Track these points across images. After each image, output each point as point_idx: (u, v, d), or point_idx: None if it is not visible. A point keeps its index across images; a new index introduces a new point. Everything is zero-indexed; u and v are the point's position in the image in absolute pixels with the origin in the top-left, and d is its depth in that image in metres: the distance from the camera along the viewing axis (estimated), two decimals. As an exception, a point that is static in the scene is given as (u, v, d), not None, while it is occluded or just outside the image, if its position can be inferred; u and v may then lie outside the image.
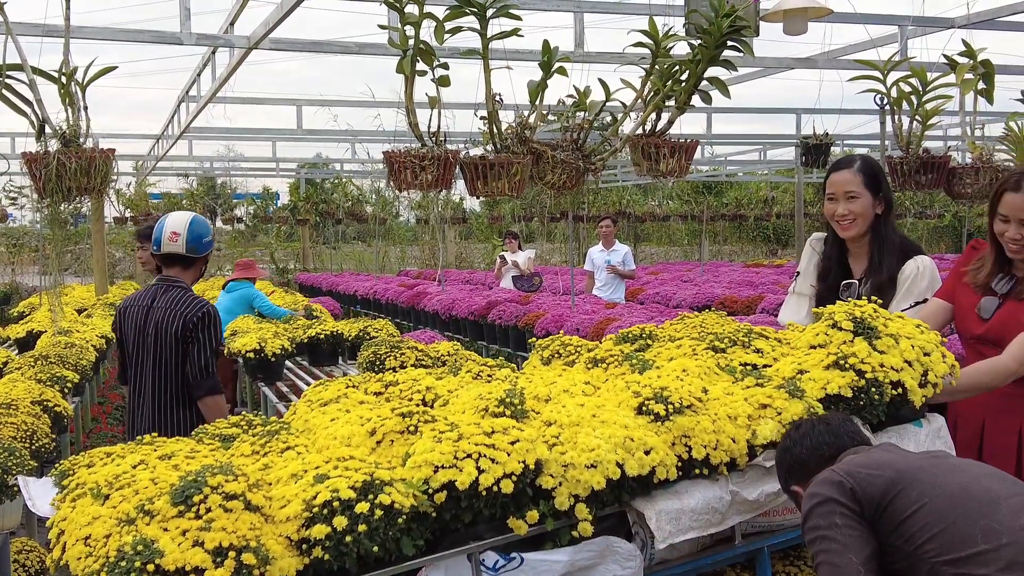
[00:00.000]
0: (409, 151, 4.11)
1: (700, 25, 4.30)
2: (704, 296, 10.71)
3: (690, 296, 10.88)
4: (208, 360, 4.47)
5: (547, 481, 2.57)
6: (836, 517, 2.33)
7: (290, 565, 2.26)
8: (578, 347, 3.62)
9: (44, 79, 3.75)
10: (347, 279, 17.93)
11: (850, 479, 2.38)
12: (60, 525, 2.45)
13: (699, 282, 13.27)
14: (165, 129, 12.76)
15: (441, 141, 4.16)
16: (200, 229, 4.50)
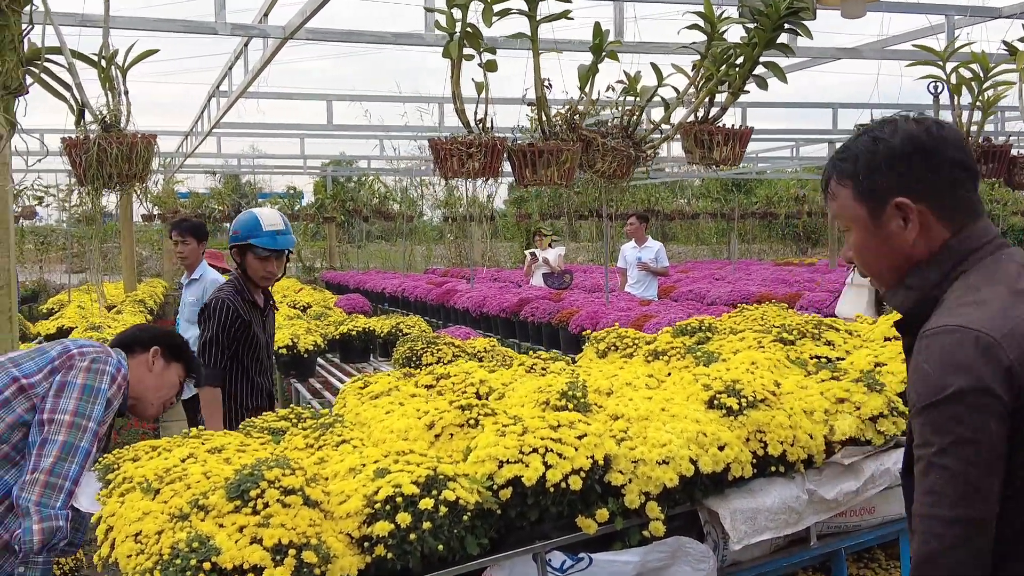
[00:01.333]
0: (455, 138, 3.98)
1: (756, 7, 4.15)
2: (739, 293, 10.53)
3: (725, 293, 10.70)
4: (202, 348, 4.41)
5: (616, 478, 2.44)
6: (991, 420, 1.52)
7: (351, 564, 2.14)
8: (636, 339, 3.49)
9: (84, 63, 3.65)
10: (374, 277, 17.84)
11: (1010, 347, 1.54)
12: (108, 521, 2.34)
13: (732, 280, 13.08)
14: (194, 125, 12.68)
15: (488, 128, 4.03)
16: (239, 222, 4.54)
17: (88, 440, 2.89)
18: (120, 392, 3.09)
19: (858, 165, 1.74)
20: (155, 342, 3.37)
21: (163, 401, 3.41)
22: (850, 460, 2.69)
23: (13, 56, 3.51)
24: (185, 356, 3.49)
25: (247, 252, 4.48)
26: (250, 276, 4.54)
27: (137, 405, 3.31)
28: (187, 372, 3.50)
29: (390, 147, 18.87)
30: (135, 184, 3.57)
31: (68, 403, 2.90)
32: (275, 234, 4.44)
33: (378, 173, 22.21)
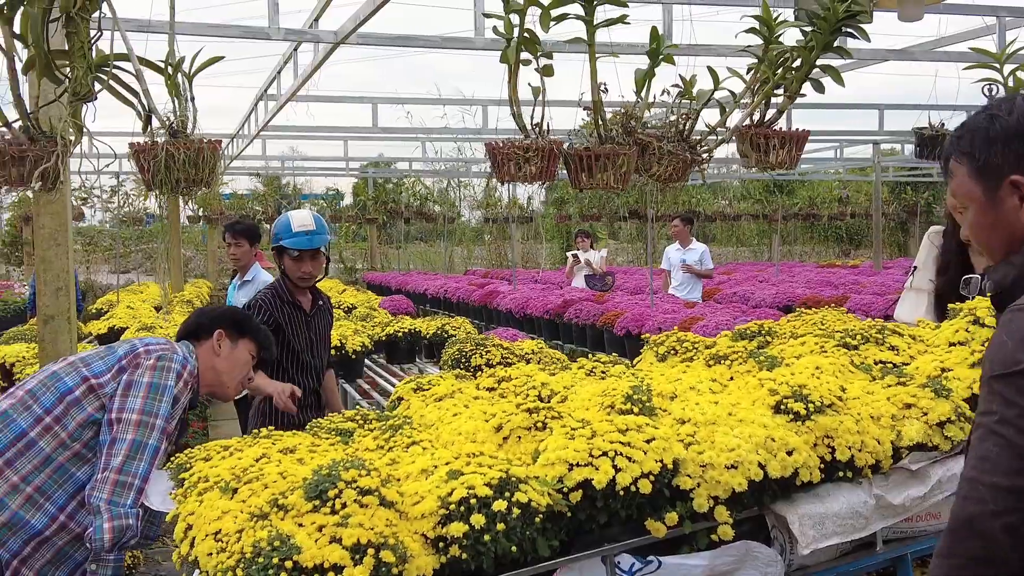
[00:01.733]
0: (512, 143, 4.01)
1: (813, 11, 4.15)
2: (785, 296, 10.48)
3: (770, 296, 10.65)
4: None
5: (685, 482, 2.46)
6: None
7: (427, 564, 2.18)
8: (695, 343, 3.50)
9: (151, 70, 3.73)
10: (416, 278, 17.94)
11: None
12: (188, 519, 2.40)
13: (776, 282, 13.01)
14: (240, 127, 12.84)
15: (545, 132, 4.06)
16: (275, 224, 4.67)
17: (156, 438, 2.96)
18: (188, 388, 3.16)
19: (975, 143, 1.73)
20: (218, 324, 3.42)
21: (239, 380, 3.48)
22: (917, 466, 2.69)
23: (83, 63, 3.59)
24: (251, 330, 3.53)
25: (283, 254, 4.59)
26: (290, 277, 4.62)
27: (214, 389, 3.39)
28: (257, 346, 3.55)
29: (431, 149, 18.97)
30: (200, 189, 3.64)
31: (135, 402, 2.97)
32: (305, 234, 4.50)
33: (418, 175, 22.33)
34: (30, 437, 2.93)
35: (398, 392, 4.13)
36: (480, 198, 24.24)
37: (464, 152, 20.98)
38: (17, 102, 3.63)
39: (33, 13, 3.51)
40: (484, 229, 26.81)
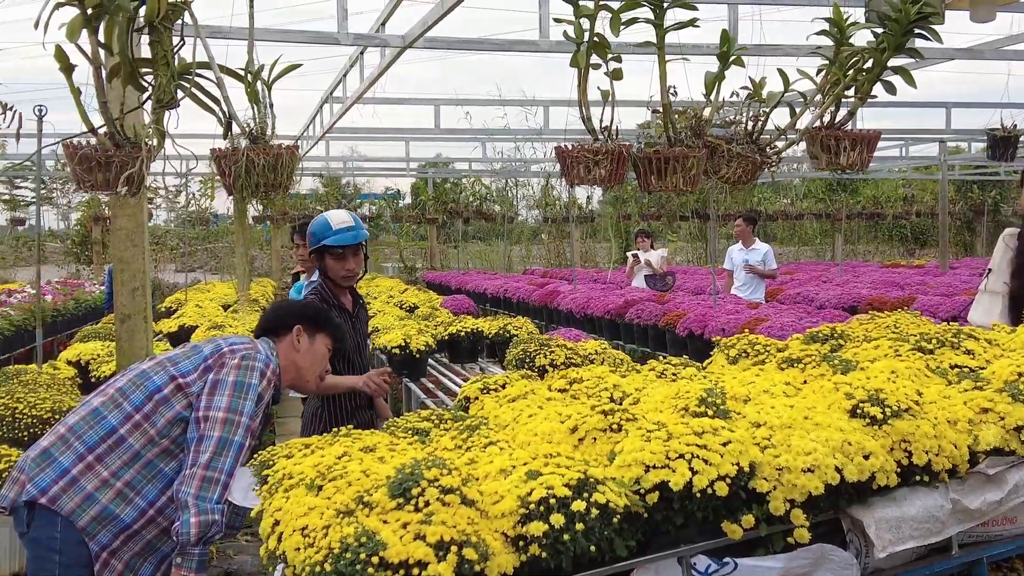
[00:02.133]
0: (582, 146, 4.05)
1: (884, 12, 4.13)
2: (850, 297, 10.37)
3: (835, 296, 10.54)
4: None
5: (761, 485, 2.48)
6: None
7: (508, 561, 2.23)
8: (767, 346, 3.51)
9: (231, 77, 3.84)
10: (475, 277, 18.04)
11: None
12: (275, 515, 2.47)
13: (840, 282, 12.86)
14: (305, 129, 13.04)
15: (614, 135, 4.09)
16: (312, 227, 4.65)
17: (241, 435, 3.06)
18: (270, 385, 3.26)
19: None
20: (296, 320, 3.53)
21: (318, 374, 3.59)
22: (994, 470, 2.68)
23: (166, 71, 3.71)
24: (327, 324, 3.62)
25: (324, 255, 4.58)
26: (332, 278, 4.63)
27: (296, 384, 3.52)
28: (333, 339, 3.64)
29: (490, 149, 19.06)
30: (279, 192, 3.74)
31: (221, 400, 3.07)
32: (347, 230, 4.52)
33: (478, 175, 22.46)
34: (120, 434, 3.05)
35: (464, 392, 4.19)
36: (538, 197, 24.31)
37: (522, 151, 21.07)
38: (103, 109, 3.76)
39: (118, 22, 3.63)
40: (542, 228, 26.87)
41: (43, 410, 4.78)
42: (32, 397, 4.90)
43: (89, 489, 2.99)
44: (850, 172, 4.25)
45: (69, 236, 26.94)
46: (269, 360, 3.28)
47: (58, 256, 26.60)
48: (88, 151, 3.64)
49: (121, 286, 5.81)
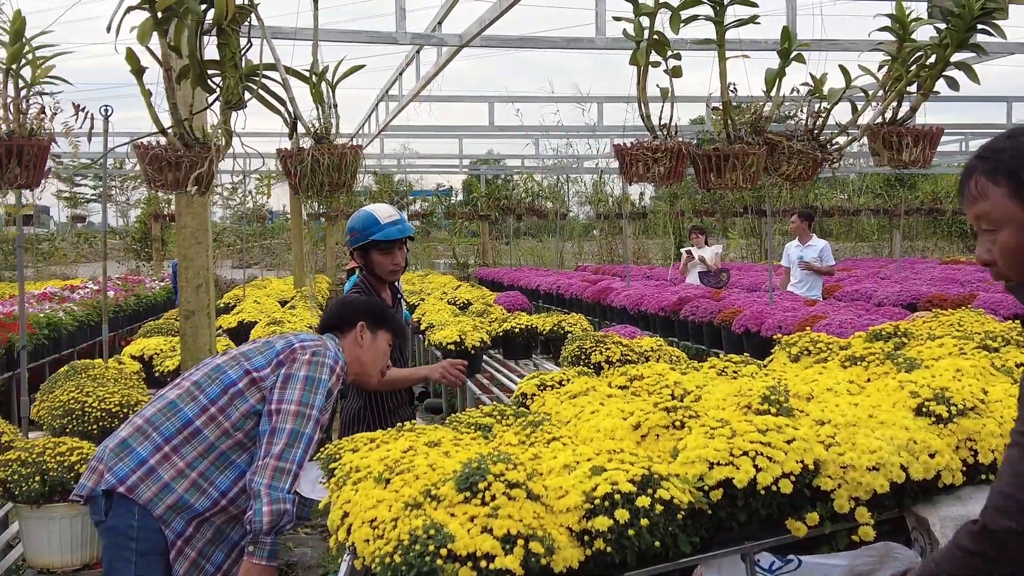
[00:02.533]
0: (641, 144, 4.07)
1: (947, 8, 4.09)
2: (909, 293, 10.23)
3: (893, 293, 10.41)
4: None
5: (825, 482, 2.48)
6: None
7: (573, 556, 2.26)
8: (829, 344, 3.50)
9: (296, 79, 3.91)
10: (527, 274, 18.07)
11: None
12: (344, 507, 2.53)
13: (899, 279, 12.68)
14: (360, 127, 13.17)
15: (673, 133, 4.10)
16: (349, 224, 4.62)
17: (311, 427, 3.15)
18: (339, 380, 3.34)
19: (1016, 162, 1.71)
20: (359, 317, 3.60)
21: (380, 369, 3.65)
22: (1063, 470, 2.65)
23: (233, 72, 3.79)
24: (388, 320, 3.69)
25: (370, 250, 4.51)
26: (377, 274, 4.57)
27: (360, 379, 3.61)
28: (393, 335, 3.71)
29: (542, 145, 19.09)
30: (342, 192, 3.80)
31: (293, 394, 3.16)
32: (394, 224, 4.46)
33: (529, 171, 22.50)
34: (196, 425, 3.14)
35: (522, 388, 4.22)
36: (591, 193, 24.28)
37: (575, 148, 21.07)
38: (172, 110, 3.86)
39: (187, 25, 3.72)
40: (594, 225, 26.83)
41: (112, 404, 4.89)
42: (101, 391, 5.02)
43: (166, 479, 3.08)
44: (912, 169, 4.20)
45: (128, 233, 27.47)
46: (338, 357, 3.36)
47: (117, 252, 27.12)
48: (159, 151, 3.74)
49: (186, 283, 5.94)
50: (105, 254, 6.92)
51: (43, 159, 4.06)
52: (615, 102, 12.71)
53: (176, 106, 3.79)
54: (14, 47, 3.84)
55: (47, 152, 4.09)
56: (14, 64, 3.87)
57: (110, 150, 5.18)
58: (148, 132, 3.95)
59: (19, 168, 3.90)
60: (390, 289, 4.76)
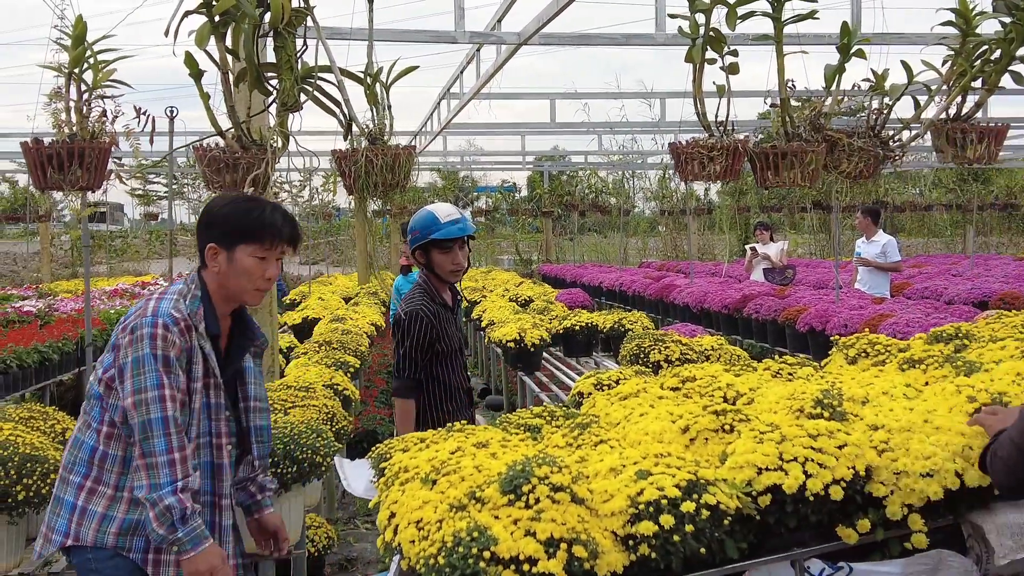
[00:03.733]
0: (696, 142, 4.03)
1: (1012, 1, 3.97)
2: (980, 291, 9.96)
3: (964, 291, 10.15)
4: (399, 360, 4.45)
5: (878, 489, 2.43)
6: None
7: (617, 560, 2.25)
8: (888, 346, 3.42)
9: (351, 80, 3.94)
10: (590, 270, 18.02)
11: None
12: (392, 508, 2.55)
13: (970, 276, 12.38)
14: (423, 125, 13.25)
15: (729, 130, 4.05)
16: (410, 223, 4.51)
17: (156, 410, 2.85)
18: (175, 334, 2.93)
19: None
20: (206, 240, 3.11)
21: (254, 288, 3.13)
22: None
23: (290, 75, 3.84)
24: (246, 231, 3.08)
25: (431, 250, 4.43)
26: (438, 274, 4.50)
27: (233, 303, 3.17)
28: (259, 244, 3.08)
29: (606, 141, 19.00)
30: (396, 192, 3.83)
31: (127, 385, 2.88)
32: (454, 223, 4.38)
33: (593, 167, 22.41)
34: (101, 450, 2.98)
35: (578, 387, 4.21)
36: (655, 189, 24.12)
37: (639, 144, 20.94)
38: (230, 112, 3.92)
39: (245, 29, 3.77)
40: (659, 221, 26.63)
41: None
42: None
43: (101, 511, 2.94)
44: (978, 165, 4.10)
45: (200, 230, 27.96)
46: (156, 317, 2.94)
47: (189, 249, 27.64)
48: (216, 153, 3.80)
49: (248, 281, 6.04)
50: (171, 251, 7.07)
51: (104, 161, 4.16)
52: (678, 97, 12.60)
53: (234, 108, 3.85)
54: (76, 51, 3.93)
55: (108, 154, 4.18)
56: (76, 68, 3.97)
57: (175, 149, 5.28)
58: (209, 134, 4.01)
59: (81, 170, 3.99)
60: (451, 290, 4.71)
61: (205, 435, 3.03)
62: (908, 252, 22.15)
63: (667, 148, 18.40)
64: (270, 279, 3.13)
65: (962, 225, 23.75)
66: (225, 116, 3.88)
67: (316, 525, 5.29)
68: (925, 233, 26.63)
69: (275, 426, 3.93)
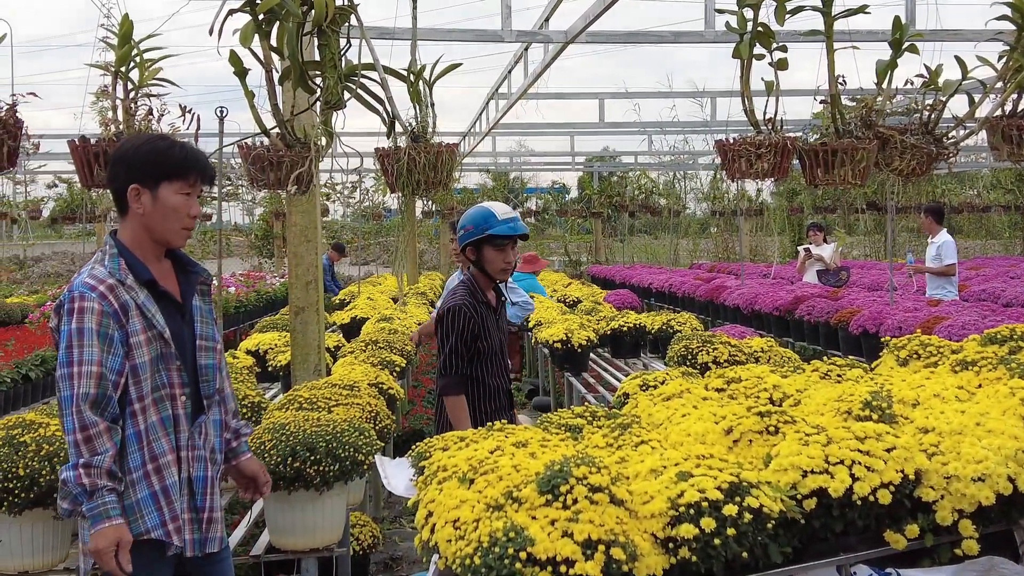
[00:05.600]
0: (744, 139, 3.96)
1: (1074, -8, 3.85)
2: (1040, 294, 9.73)
3: (1022, 293, 9.92)
4: (445, 357, 4.45)
5: (927, 493, 2.36)
6: None
7: (657, 563, 2.21)
8: (940, 348, 3.33)
9: (394, 78, 3.94)
10: (640, 272, 17.90)
11: None
12: (429, 507, 2.53)
13: (1030, 278, 12.09)
14: (472, 125, 13.26)
15: (778, 127, 3.98)
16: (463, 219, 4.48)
17: (65, 387, 2.79)
18: (91, 304, 2.84)
19: None
20: (126, 182, 2.95)
21: (181, 227, 3.01)
22: None
23: (333, 73, 3.84)
24: (168, 166, 2.96)
25: (483, 246, 4.40)
26: (488, 272, 4.48)
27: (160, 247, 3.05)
28: (183, 181, 2.97)
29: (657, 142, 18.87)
30: (439, 190, 3.81)
31: (57, 369, 2.83)
32: (508, 221, 4.37)
33: (644, 168, 22.28)
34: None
35: (624, 388, 4.16)
36: (706, 190, 23.91)
37: (691, 144, 20.76)
38: (274, 111, 3.93)
39: (289, 27, 3.78)
40: (710, 222, 26.39)
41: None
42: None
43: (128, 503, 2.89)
44: (1035, 163, 3.98)
45: (252, 231, 28.31)
46: (75, 291, 2.88)
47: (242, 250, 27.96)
48: (261, 151, 3.81)
49: (295, 279, 6.07)
50: (221, 251, 7.12)
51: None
52: (729, 96, 12.47)
53: (278, 107, 3.86)
54: (122, 50, 3.97)
55: (155, 153, 4.19)
56: (122, 67, 4.01)
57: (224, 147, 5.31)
58: (253, 133, 4.03)
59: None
60: (495, 291, 4.68)
61: (159, 388, 2.94)
62: (965, 254, 21.69)
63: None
64: (194, 216, 3.03)
65: (1021, 227, 23.22)
66: (269, 115, 3.90)
67: (361, 524, 5.29)
68: (983, 235, 26.07)
69: (318, 424, 3.94)
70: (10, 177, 19.14)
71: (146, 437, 2.91)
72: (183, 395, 2.99)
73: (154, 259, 3.04)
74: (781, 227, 22.03)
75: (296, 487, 3.78)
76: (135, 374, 2.89)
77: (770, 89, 4.02)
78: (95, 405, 2.80)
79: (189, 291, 3.11)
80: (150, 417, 2.92)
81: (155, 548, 2.93)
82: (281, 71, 3.86)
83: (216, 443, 3.11)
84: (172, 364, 2.97)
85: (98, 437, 2.78)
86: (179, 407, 2.98)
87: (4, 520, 3.62)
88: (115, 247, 3.00)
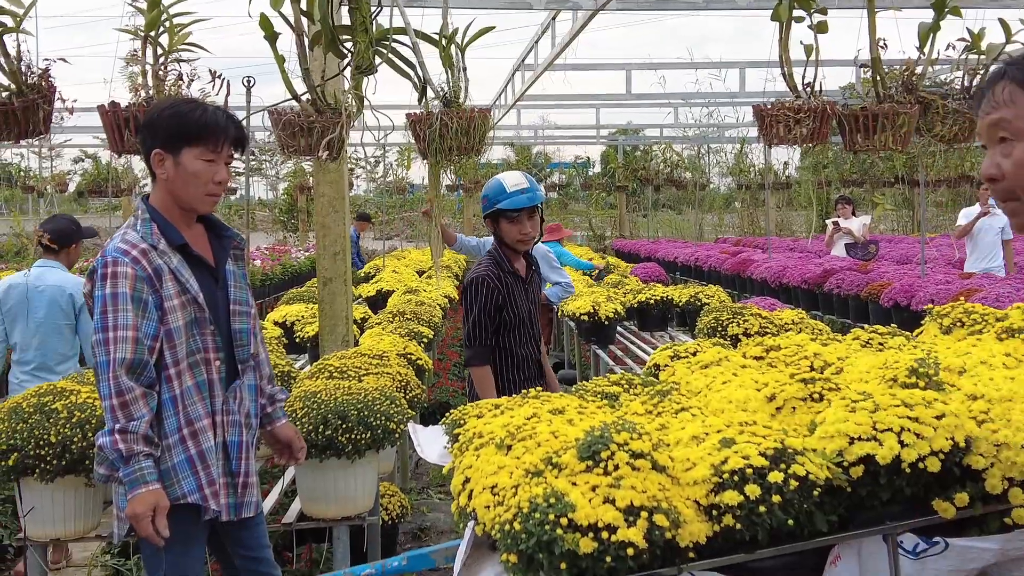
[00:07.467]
0: (782, 103, 3.88)
1: None
2: (1076, 267, 9.58)
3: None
4: (469, 329, 4.46)
5: (976, 461, 2.30)
6: None
7: (700, 530, 2.16)
8: (984, 315, 3.26)
9: (426, 42, 3.88)
10: (665, 246, 17.82)
11: None
12: (466, 472, 2.49)
13: (1066, 251, 11.91)
14: (497, 98, 13.17)
15: (817, 92, 3.89)
16: (485, 190, 4.47)
17: (101, 352, 2.80)
18: (125, 268, 2.85)
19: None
20: (150, 147, 2.98)
21: (205, 193, 3.01)
22: None
23: (364, 37, 3.79)
24: (189, 130, 2.94)
25: (498, 219, 4.42)
26: (507, 243, 4.49)
27: (188, 213, 3.06)
28: (203, 146, 2.96)
29: (683, 114, 18.71)
30: (471, 156, 3.77)
31: (92, 335, 2.86)
32: (521, 192, 4.34)
33: (669, 141, 22.11)
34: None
35: (654, 359, 4.11)
36: (732, 164, 23.69)
37: (716, 117, 20.56)
38: (305, 76, 3.89)
39: (320, -9, 3.74)
40: (735, 196, 26.19)
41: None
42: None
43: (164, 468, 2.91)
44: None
45: (277, 205, 28.37)
46: (116, 250, 2.89)
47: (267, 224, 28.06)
48: (291, 117, 3.78)
49: (323, 250, 6.04)
50: (248, 224, 7.11)
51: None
52: (757, 67, 12.32)
53: (308, 71, 3.82)
54: (152, 14, 3.93)
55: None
56: (152, 31, 3.98)
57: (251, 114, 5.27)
58: (285, 100, 3.99)
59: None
60: (525, 259, 4.66)
61: (193, 352, 2.95)
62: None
63: (746, 120, 18.02)
64: (220, 183, 3.00)
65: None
66: (300, 80, 3.86)
67: (390, 494, 5.29)
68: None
69: (349, 392, 3.92)
70: (35, 151, 19.23)
71: (181, 402, 2.91)
72: (217, 359, 2.99)
73: (184, 224, 3.04)
74: (808, 200, 21.81)
75: (328, 455, 3.77)
76: (170, 339, 2.89)
77: (809, 52, 3.93)
78: (131, 370, 2.80)
79: (222, 255, 3.10)
80: (185, 382, 2.92)
81: (191, 512, 2.94)
82: (312, 36, 3.81)
83: (251, 408, 3.11)
84: (206, 328, 2.96)
85: (134, 402, 2.79)
86: (214, 372, 2.98)
87: (36, 487, 3.63)
88: (147, 212, 3.00)
